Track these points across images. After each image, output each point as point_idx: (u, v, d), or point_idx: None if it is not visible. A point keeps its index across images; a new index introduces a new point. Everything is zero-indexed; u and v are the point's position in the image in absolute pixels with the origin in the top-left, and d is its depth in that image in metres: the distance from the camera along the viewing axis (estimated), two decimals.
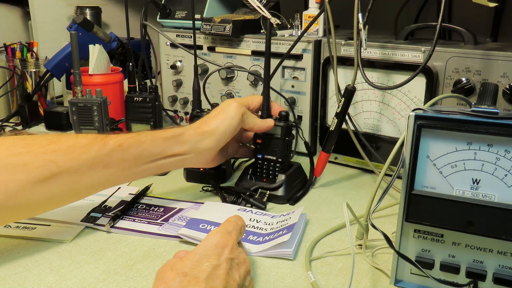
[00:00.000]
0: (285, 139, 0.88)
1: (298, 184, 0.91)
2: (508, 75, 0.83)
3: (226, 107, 0.82)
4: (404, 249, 0.57)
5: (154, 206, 0.84)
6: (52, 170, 0.65)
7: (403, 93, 0.92)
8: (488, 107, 0.52)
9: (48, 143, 0.67)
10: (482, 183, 0.52)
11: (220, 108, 0.83)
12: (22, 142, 0.67)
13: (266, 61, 0.87)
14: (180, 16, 1.22)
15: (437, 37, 0.78)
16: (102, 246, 0.72)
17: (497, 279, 0.53)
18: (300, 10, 1.08)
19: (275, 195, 0.86)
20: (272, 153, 0.89)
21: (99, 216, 0.79)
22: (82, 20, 1.26)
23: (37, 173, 0.64)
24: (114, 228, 0.76)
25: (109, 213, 0.80)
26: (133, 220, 0.78)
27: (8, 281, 0.63)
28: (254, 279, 0.64)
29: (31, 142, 0.67)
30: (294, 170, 0.91)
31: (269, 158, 0.90)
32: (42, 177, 0.64)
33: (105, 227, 0.75)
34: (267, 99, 0.89)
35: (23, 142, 0.67)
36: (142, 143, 0.74)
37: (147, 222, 0.78)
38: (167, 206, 0.83)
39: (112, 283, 0.63)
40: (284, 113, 0.88)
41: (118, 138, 0.73)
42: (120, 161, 0.72)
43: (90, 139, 0.71)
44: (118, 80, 1.22)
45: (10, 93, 1.35)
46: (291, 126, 0.89)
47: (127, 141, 0.73)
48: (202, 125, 0.80)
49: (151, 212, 0.81)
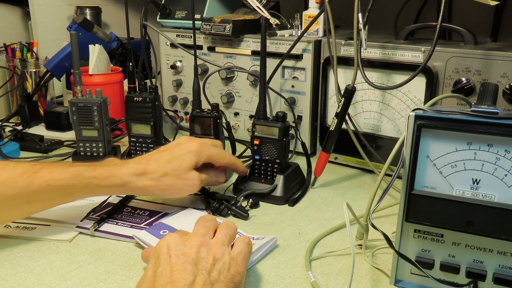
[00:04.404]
0: (283, 140, 0.87)
1: (296, 184, 0.91)
2: (508, 75, 0.83)
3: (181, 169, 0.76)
4: (404, 249, 0.57)
5: (140, 210, 0.82)
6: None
7: (403, 93, 0.92)
8: (488, 107, 0.51)
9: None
10: (482, 183, 0.52)
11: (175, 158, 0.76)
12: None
13: (262, 61, 0.87)
14: (180, 16, 1.22)
15: (437, 37, 0.78)
16: (102, 246, 0.72)
17: (497, 279, 0.53)
18: (300, 10, 1.08)
19: (274, 195, 0.86)
20: (269, 154, 0.89)
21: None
22: (82, 20, 1.26)
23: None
24: (98, 231, 0.75)
25: (93, 215, 0.79)
26: (116, 224, 0.77)
27: (8, 281, 0.63)
28: (254, 279, 0.64)
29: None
30: (292, 170, 0.90)
31: (266, 159, 0.89)
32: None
33: (89, 230, 0.74)
34: (264, 100, 0.88)
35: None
36: (73, 189, 0.71)
37: (130, 226, 0.77)
38: (153, 210, 0.82)
39: (112, 283, 0.63)
40: (281, 114, 0.87)
41: (48, 177, 0.69)
42: (46, 200, 0.71)
43: (16, 173, 0.68)
44: (118, 80, 1.22)
45: (10, 93, 1.35)
46: (288, 127, 0.88)
47: (57, 183, 0.69)
48: (144, 179, 0.73)
49: (136, 216, 0.80)
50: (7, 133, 1.18)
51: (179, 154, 0.76)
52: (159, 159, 0.75)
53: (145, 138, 1.00)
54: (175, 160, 0.75)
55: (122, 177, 0.72)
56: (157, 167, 0.74)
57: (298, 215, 0.83)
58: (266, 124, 0.88)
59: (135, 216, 0.80)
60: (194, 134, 0.96)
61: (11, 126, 1.22)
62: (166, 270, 0.53)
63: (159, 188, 0.74)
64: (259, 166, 0.90)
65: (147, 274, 0.54)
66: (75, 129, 1.00)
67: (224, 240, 0.60)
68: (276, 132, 0.87)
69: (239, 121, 1.18)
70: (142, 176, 0.73)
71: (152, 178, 0.73)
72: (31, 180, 0.68)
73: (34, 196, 0.69)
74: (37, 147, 1.10)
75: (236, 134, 1.16)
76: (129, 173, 0.73)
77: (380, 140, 0.98)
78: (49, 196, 0.70)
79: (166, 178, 0.74)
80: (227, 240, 0.60)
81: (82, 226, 0.75)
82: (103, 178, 0.72)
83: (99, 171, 0.72)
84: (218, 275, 0.55)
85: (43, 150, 1.10)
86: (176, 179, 0.75)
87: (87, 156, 1.01)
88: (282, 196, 0.86)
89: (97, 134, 1.00)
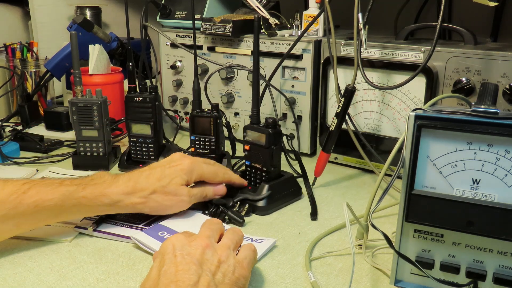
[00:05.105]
0: (270, 147, 0.83)
1: (286, 196, 0.86)
2: (508, 75, 0.83)
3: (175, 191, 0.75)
4: (404, 249, 0.57)
5: None
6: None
7: (403, 93, 0.92)
8: (488, 107, 0.52)
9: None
10: (482, 183, 0.52)
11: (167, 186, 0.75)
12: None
13: (255, 63, 0.84)
14: (180, 16, 1.22)
15: (437, 37, 0.78)
16: (102, 246, 0.72)
17: (497, 279, 0.53)
18: (300, 10, 1.08)
19: (257, 206, 0.82)
20: (258, 161, 0.85)
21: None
22: (82, 20, 1.26)
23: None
24: (97, 232, 0.75)
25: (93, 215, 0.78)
26: (115, 224, 0.77)
27: (8, 281, 0.63)
28: (254, 279, 0.64)
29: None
30: (282, 181, 0.86)
31: (256, 166, 0.86)
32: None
33: (88, 230, 0.74)
34: (257, 104, 0.86)
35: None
36: (61, 210, 0.70)
37: (128, 226, 0.76)
38: None
39: (112, 283, 0.63)
40: (271, 120, 0.83)
41: (36, 197, 0.68)
42: (34, 220, 0.70)
43: (4, 193, 0.67)
44: (118, 80, 1.22)
45: (10, 93, 1.35)
46: (279, 134, 0.84)
47: (46, 203, 0.68)
48: (135, 197, 0.73)
49: (134, 216, 0.78)
50: (7, 133, 1.18)
51: (169, 172, 0.76)
52: (150, 176, 0.75)
53: (145, 138, 1.00)
54: (165, 178, 0.75)
55: (112, 197, 0.72)
56: (146, 185, 0.74)
57: (298, 215, 0.83)
58: (256, 129, 0.85)
59: (134, 216, 0.79)
60: (194, 134, 0.96)
61: (11, 126, 1.22)
62: (171, 269, 0.53)
63: (147, 206, 0.74)
64: (249, 172, 0.88)
65: (151, 272, 0.54)
66: (75, 129, 1.00)
67: (230, 245, 0.60)
68: (263, 138, 0.83)
69: (239, 121, 1.18)
70: (131, 195, 0.73)
71: (141, 196, 0.73)
72: (20, 201, 0.67)
73: (22, 217, 0.68)
74: (37, 147, 1.10)
75: (236, 134, 1.16)
76: (118, 192, 0.72)
77: (380, 140, 0.98)
78: (37, 217, 0.69)
79: (155, 196, 0.74)
80: (233, 245, 0.61)
81: (81, 226, 0.75)
82: (92, 198, 0.71)
83: (88, 191, 0.71)
84: (222, 277, 0.55)
85: (43, 150, 1.10)
86: (164, 196, 0.74)
87: (87, 156, 1.01)
88: (264, 206, 0.82)
89: (97, 134, 1.00)
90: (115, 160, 1.05)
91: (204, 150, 0.96)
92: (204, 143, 0.96)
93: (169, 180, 0.75)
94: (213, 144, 0.96)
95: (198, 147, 0.96)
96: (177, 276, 0.52)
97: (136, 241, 0.71)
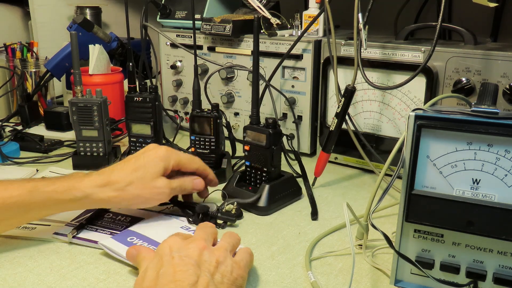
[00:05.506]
0: (270, 147, 0.83)
1: (286, 196, 0.86)
2: (508, 75, 0.83)
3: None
4: (404, 249, 0.57)
5: (122, 215, 0.78)
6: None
7: (403, 93, 0.92)
8: (488, 107, 0.52)
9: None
10: (482, 183, 0.52)
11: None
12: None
13: (255, 63, 0.84)
14: (180, 16, 1.22)
15: (437, 37, 0.78)
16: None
17: (497, 279, 0.53)
18: (300, 10, 1.08)
19: (256, 205, 0.82)
20: (258, 161, 0.85)
21: None
22: (82, 20, 1.26)
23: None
24: (76, 239, 0.71)
25: (73, 221, 0.76)
26: (95, 230, 0.74)
27: (8, 281, 0.63)
28: (254, 279, 0.64)
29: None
30: (282, 181, 0.86)
31: (256, 166, 0.86)
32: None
33: (67, 237, 0.71)
34: (256, 104, 0.85)
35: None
36: (30, 206, 0.67)
37: (109, 233, 0.73)
38: (135, 216, 0.78)
39: (112, 283, 0.63)
40: (271, 120, 0.82)
41: (2, 194, 0.65)
42: (1, 219, 0.67)
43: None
44: (118, 80, 1.22)
45: (10, 93, 1.35)
46: (279, 135, 0.83)
47: (12, 200, 0.65)
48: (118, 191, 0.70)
49: (116, 222, 0.76)
50: (7, 133, 1.18)
51: (145, 161, 0.71)
52: (124, 168, 0.71)
53: (145, 138, 1.00)
54: (141, 168, 0.70)
55: (84, 189, 0.68)
56: (121, 177, 0.69)
57: (298, 215, 0.83)
58: (256, 129, 0.84)
59: (116, 223, 0.76)
60: (194, 134, 0.96)
61: (11, 126, 1.22)
62: (169, 270, 0.53)
63: (124, 199, 0.70)
64: (249, 173, 0.88)
65: (147, 274, 0.54)
66: (75, 129, 1.00)
67: (227, 247, 0.60)
68: (264, 139, 0.83)
69: (239, 121, 1.18)
70: (105, 187, 0.68)
71: (116, 188, 0.69)
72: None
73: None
74: (37, 147, 1.10)
75: (236, 134, 1.16)
76: (91, 185, 0.68)
77: (380, 140, 0.98)
78: (4, 215, 0.65)
79: (131, 188, 0.69)
80: (230, 247, 0.61)
81: (60, 233, 0.72)
82: (63, 191, 0.67)
83: (58, 184, 0.67)
84: (221, 278, 0.55)
85: (43, 150, 1.10)
86: (142, 188, 0.70)
87: (87, 156, 1.01)
88: (264, 206, 0.82)
89: (97, 134, 1.00)
90: (115, 160, 1.05)
91: (204, 150, 0.96)
92: (204, 143, 0.96)
93: (145, 170, 0.70)
94: (213, 144, 0.95)
95: (198, 147, 0.96)
96: (176, 276, 0.52)
97: (104, 247, 0.68)
